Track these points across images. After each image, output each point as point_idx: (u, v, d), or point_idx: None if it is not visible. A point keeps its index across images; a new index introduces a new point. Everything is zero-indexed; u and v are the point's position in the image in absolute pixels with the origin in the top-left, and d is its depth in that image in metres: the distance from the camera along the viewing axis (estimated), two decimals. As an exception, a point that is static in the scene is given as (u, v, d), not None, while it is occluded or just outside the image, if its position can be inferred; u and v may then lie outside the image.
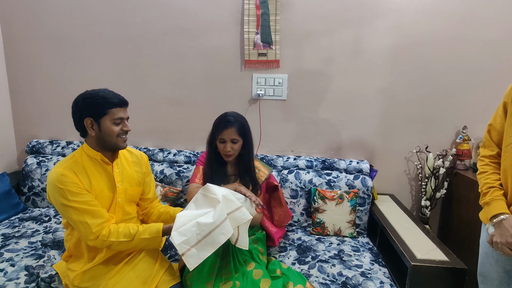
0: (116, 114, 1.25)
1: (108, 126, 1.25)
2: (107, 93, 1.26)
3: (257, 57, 2.17)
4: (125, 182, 1.39)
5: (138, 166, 1.47)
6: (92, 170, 1.29)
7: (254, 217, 1.58)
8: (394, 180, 2.28)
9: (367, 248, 1.84)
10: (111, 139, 1.27)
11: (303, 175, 2.10)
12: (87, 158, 1.30)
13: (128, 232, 1.27)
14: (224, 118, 1.56)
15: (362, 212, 2.04)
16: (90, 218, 1.22)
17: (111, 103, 1.24)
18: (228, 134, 1.54)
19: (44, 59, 2.33)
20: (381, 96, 2.17)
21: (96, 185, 1.29)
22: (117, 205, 1.36)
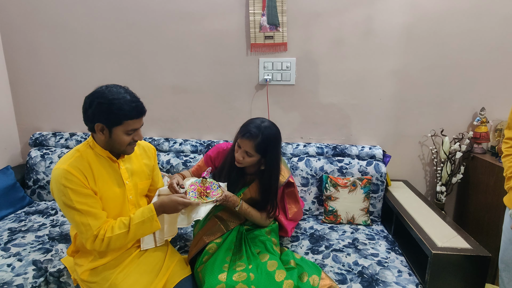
0: (130, 126, 1.17)
1: (120, 136, 1.17)
2: (126, 101, 1.14)
3: (263, 40, 2.08)
4: (134, 177, 1.34)
5: (147, 158, 1.41)
6: (98, 167, 1.23)
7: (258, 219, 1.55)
8: (407, 166, 2.21)
9: (382, 236, 1.78)
10: (120, 147, 1.21)
11: (314, 162, 2.03)
12: (92, 154, 1.24)
13: (122, 223, 1.21)
14: (247, 126, 1.41)
15: (375, 199, 1.98)
16: (92, 220, 1.17)
17: (127, 116, 1.14)
18: (244, 144, 1.40)
19: (43, 48, 2.25)
20: (394, 78, 2.07)
21: (102, 183, 1.23)
22: (129, 203, 1.31)
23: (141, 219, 1.22)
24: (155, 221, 1.24)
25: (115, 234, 1.18)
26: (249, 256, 1.41)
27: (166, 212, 1.29)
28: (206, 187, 1.36)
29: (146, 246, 1.39)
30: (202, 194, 1.34)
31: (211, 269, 1.31)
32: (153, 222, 1.23)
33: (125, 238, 1.21)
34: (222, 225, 1.55)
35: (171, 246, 1.53)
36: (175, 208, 1.25)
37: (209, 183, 1.39)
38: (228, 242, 1.50)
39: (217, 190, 1.38)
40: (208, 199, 1.32)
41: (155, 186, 1.46)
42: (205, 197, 1.34)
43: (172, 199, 1.24)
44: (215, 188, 1.39)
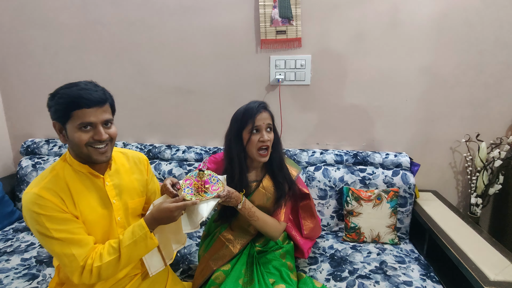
0: (80, 118, 0.96)
1: (73, 134, 0.97)
2: (73, 90, 0.96)
3: (275, 36, 1.86)
4: (123, 195, 1.13)
5: (138, 172, 1.20)
6: (78, 186, 1.03)
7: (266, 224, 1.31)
8: (437, 175, 1.97)
9: (414, 258, 1.55)
10: (80, 149, 1.00)
11: (332, 172, 1.81)
12: (71, 171, 1.04)
13: (111, 248, 1.01)
14: (251, 105, 1.28)
15: (403, 214, 1.75)
16: (76, 249, 0.97)
17: (73, 104, 0.94)
18: (263, 119, 1.26)
19: (35, 48, 2.07)
20: (423, 76, 1.83)
21: (84, 206, 1.03)
22: (117, 225, 1.10)
23: (132, 239, 1.02)
24: (149, 239, 1.04)
25: (105, 262, 0.99)
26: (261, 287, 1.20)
27: (162, 224, 1.09)
28: (204, 181, 1.14)
29: (155, 269, 1.16)
30: (200, 189, 1.13)
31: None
32: (147, 240, 1.03)
33: (117, 265, 1.01)
34: (230, 246, 1.36)
35: (172, 273, 1.34)
36: (170, 217, 1.04)
37: (207, 176, 1.17)
38: (238, 269, 1.29)
39: (218, 183, 1.16)
40: (207, 195, 1.11)
41: (151, 203, 1.25)
42: (204, 193, 1.12)
43: (162, 208, 1.03)
44: (214, 182, 1.17)
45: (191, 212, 1.11)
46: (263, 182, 1.36)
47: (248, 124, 1.26)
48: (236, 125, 1.28)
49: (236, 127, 1.28)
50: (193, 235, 1.79)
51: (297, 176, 1.43)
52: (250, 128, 1.25)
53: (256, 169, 1.38)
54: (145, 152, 2.03)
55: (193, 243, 1.72)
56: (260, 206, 1.34)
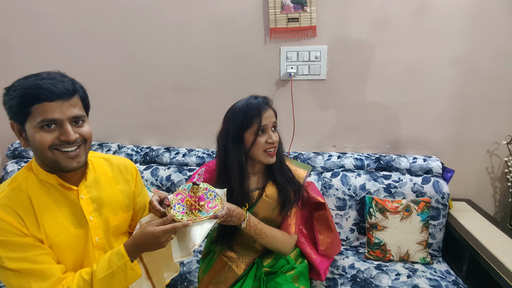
0: (41, 114, 0.77)
1: (32, 135, 0.79)
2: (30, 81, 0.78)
3: (286, 24, 1.64)
4: (104, 210, 0.93)
5: (124, 183, 1.00)
6: (45, 202, 0.84)
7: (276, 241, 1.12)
8: (471, 181, 1.73)
9: (451, 282, 1.32)
10: (44, 154, 0.80)
11: (352, 179, 1.58)
12: (36, 182, 0.85)
13: (81, 280, 0.82)
14: (252, 101, 1.10)
15: (435, 228, 1.51)
16: (36, 282, 0.78)
17: (32, 97, 0.76)
18: (269, 118, 1.08)
19: (19, 42, 1.89)
20: (456, 69, 1.60)
21: (51, 225, 0.84)
22: (95, 247, 0.90)
23: (108, 270, 0.82)
24: (130, 270, 0.85)
25: None
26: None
27: (147, 251, 0.90)
28: (199, 197, 0.93)
29: None
30: (194, 207, 0.92)
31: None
32: (127, 271, 0.84)
33: None
34: (233, 266, 1.16)
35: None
36: (157, 243, 0.84)
37: (202, 191, 0.96)
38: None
39: (215, 200, 0.96)
40: (202, 214, 0.90)
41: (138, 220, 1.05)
42: (198, 212, 0.91)
43: (146, 232, 0.83)
44: (211, 197, 0.97)
45: (183, 235, 0.90)
46: (266, 190, 1.16)
47: (253, 124, 1.06)
48: (235, 125, 1.08)
49: (235, 128, 1.08)
50: (194, 250, 1.57)
51: (307, 176, 1.23)
52: (256, 128, 1.06)
53: (257, 175, 1.19)
54: (141, 155, 1.84)
55: (194, 260, 1.51)
56: (266, 218, 1.15)
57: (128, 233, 1.06)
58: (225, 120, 1.12)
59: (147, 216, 0.97)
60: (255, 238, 1.09)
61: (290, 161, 1.27)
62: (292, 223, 1.18)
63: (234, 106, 1.12)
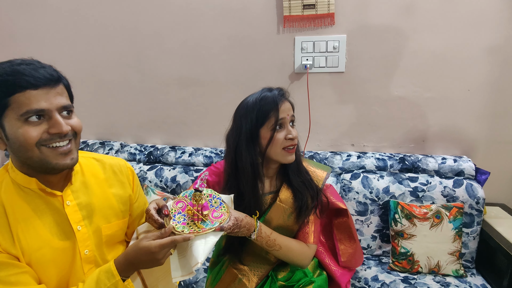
0: (25, 105, 0.65)
1: (14, 130, 0.66)
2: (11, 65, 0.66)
3: (301, 11, 1.50)
4: (95, 217, 0.81)
5: (118, 185, 0.88)
6: (22, 210, 0.73)
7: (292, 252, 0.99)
8: (506, 184, 1.57)
9: (489, 298, 1.17)
10: (29, 153, 0.68)
11: (374, 181, 1.44)
12: (12, 187, 0.73)
13: None
14: (266, 93, 0.98)
15: (468, 237, 1.36)
16: None
17: (11, 84, 0.64)
18: (287, 110, 0.97)
19: (19, 35, 1.81)
20: (490, 58, 1.44)
21: (30, 238, 0.72)
22: (84, 261, 0.78)
23: None
24: None
25: None
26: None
27: (141, 268, 0.79)
28: (202, 206, 0.81)
29: None
30: (196, 217, 0.79)
31: None
32: None
33: None
34: (244, 280, 1.04)
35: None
36: (153, 260, 0.72)
37: (206, 198, 0.84)
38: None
39: (221, 208, 0.85)
40: (206, 226, 0.79)
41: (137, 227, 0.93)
42: (201, 222, 0.79)
43: (141, 247, 0.71)
44: (216, 206, 0.85)
45: (184, 250, 0.78)
46: (280, 194, 1.04)
47: (269, 118, 0.94)
48: (248, 122, 0.95)
49: (249, 125, 0.95)
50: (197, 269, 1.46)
51: (327, 178, 1.10)
52: (273, 123, 0.94)
53: (270, 179, 1.06)
54: (145, 154, 1.73)
55: (201, 268, 1.39)
56: (280, 226, 1.03)
57: (125, 242, 0.94)
58: (236, 117, 1.00)
59: (145, 225, 0.85)
60: (267, 250, 0.97)
61: (308, 161, 1.14)
62: (311, 231, 1.05)
63: (246, 100, 0.99)
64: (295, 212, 1.02)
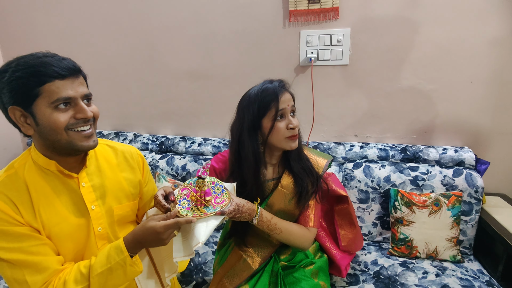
0: (55, 93, 0.73)
1: (47, 116, 0.74)
2: (37, 57, 0.74)
3: (306, 6, 1.55)
4: (108, 198, 0.90)
5: (129, 170, 0.96)
6: (43, 190, 0.80)
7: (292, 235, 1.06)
8: (507, 175, 1.59)
9: (485, 282, 1.22)
10: (58, 136, 0.76)
11: (376, 170, 1.49)
12: (35, 168, 0.81)
13: (79, 274, 0.78)
14: (267, 85, 1.03)
15: (467, 224, 1.40)
16: (31, 274, 0.75)
17: (41, 74, 0.72)
18: (287, 101, 1.02)
19: (41, 32, 1.90)
20: (494, 50, 1.46)
21: (50, 215, 0.80)
22: (97, 237, 0.87)
23: (106, 266, 0.79)
24: (129, 266, 0.80)
25: None
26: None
27: (148, 247, 0.87)
28: (205, 192, 0.88)
29: None
30: (199, 203, 0.87)
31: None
32: (126, 267, 0.80)
33: None
34: (248, 260, 1.10)
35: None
36: (158, 240, 0.80)
37: (208, 185, 0.91)
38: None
39: (223, 194, 0.91)
40: (208, 210, 0.85)
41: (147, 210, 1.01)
42: (204, 207, 0.86)
43: (147, 227, 0.79)
44: (219, 192, 0.91)
45: (186, 233, 0.85)
46: (282, 180, 1.09)
47: (270, 109, 0.99)
48: (250, 113, 1.00)
49: (251, 116, 1.00)
50: (209, 241, 1.55)
51: (327, 166, 1.14)
52: (274, 113, 0.99)
53: (273, 166, 1.12)
54: (157, 144, 1.81)
55: (209, 251, 1.48)
56: (282, 210, 1.09)
57: (135, 223, 1.03)
58: (239, 108, 1.06)
59: (153, 209, 0.93)
60: (269, 234, 1.03)
61: (309, 150, 1.19)
62: (311, 215, 1.11)
63: (248, 93, 1.05)
64: (296, 197, 1.07)
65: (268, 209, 1.07)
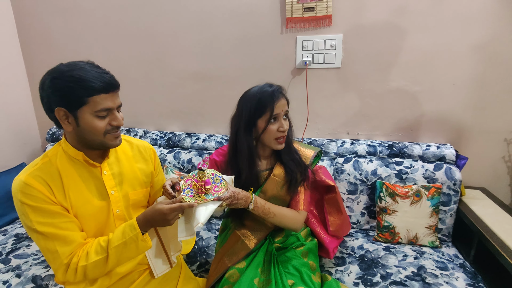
0: (99, 104, 0.88)
1: (89, 121, 0.89)
2: (87, 71, 0.87)
3: (302, 14, 1.69)
4: (124, 185, 1.05)
5: (143, 161, 1.12)
6: (72, 175, 0.96)
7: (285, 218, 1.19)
8: (487, 170, 1.72)
9: (458, 264, 1.36)
10: (95, 137, 0.92)
11: (364, 164, 1.63)
12: (65, 158, 0.96)
13: (99, 247, 0.94)
14: (266, 89, 1.14)
15: (445, 214, 1.54)
16: (61, 245, 0.91)
17: (90, 88, 0.86)
18: (281, 106, 1.13)
19: (58, 36, 2.06)
20: (476, 55, 1.58)
21: (77, 197, 0.96)
22: (116, 218, 1.03)
23: (122, 240, 0.94)
24: (141, 241, 0.95)
25: (91, 262, 0.92)
26: (279, 290, 1.08)
27: (156, 226, 1.01)
28: (205, 182, 1.02)
29: (160, 271, 1.12)
30: (200, 191, 1.01)
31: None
32: (138, 242, 0.95)
33: (105, 266, 0.94)
34: (246, 241, 1.24)
35: (185, 267, 1.26)
36: (164, 220, 0.94)
37: (208, 176, 1.04)
38: (253, 268, 1.19)
39: (221, 184, 1.05)
40: (208, 197, 1.00)
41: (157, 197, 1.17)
42: (204, 195, 1.00)
43: (156, 209, 0.94)
44: (217, 182, 1.05)
45: (189, 216, 1.00)
46: (275, 170, 1.23)
47: (265, 113, 1.12)
48: (248, 111, 1.13)
49: (248, 113, 1.13)
50: (212, 228, 1.70)
51: (314, 156, 1.28)
52: (268, 117, 1.12)
53: (267, 158, 1.26)
54: (165, 140, 1.97)
55: (212, 236, 1.64)
56: (274, 196, 1.22)
57: (147, 207, 1.18)
58: (239, 104, 1.18)
59: (162, 197, 1.08)
60: (264, 218, 1.15)
61: (298, 144, 1.31)
62: (301, 200, 1.23)
63: (249, 91, 1.17)
64: (287, 184, 1.21)
65: (262, 195, 1.21)
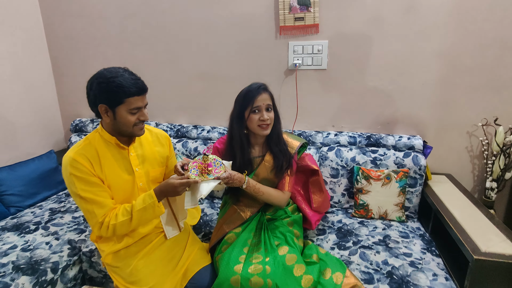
0: (133, 104, 1.16)
1: (124, 116, 1.17)
2: (125, 78, 1.14)
3: (293, 22, 1.96)
4: (146, 164, 1.33)
5: (160, 146, 1.40)
6: (107, 155, 1.24)
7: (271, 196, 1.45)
8: (452, 158, 1.99)
9: (418, 235, 1.64)
10: (127, 128, 1.20)
11: (345, 153, 1.91)
12: (101, 141, 1.25)
13: (125, 210, 1.21)
14: (252, 87, 1.40)
15: (412, 194, 1.82)
16: (97, 208, 1.19)
17: (127, 92, 1.14)
18: (262, 100, 1.37)
19: (81, 39, 2.35)
20: (440, 60, 1.85)
21: (110, 171, 1.23)
22: (139, 190, 1.31)
23: (142, 205, 1.21)
24: (157, 207, 1.23)
25: (119, 221, 1.19)
26: (267, 248, 1.36)
27: (168, 196, 1.28)
28: (208, 164, 1.29)
29: (171, 234, 1.40)
30: (204, 171, 1.28)
31: (228, 260, 1.29)
32: (155, 208, 1.22)
33: (129, 225, 1.22)
34: (241, 213, 1.51)
35: (192, 233, 1.54)
36: (175, 191, 1.21)
37: (211, 160, 1.31)
38: (247, 232, 1.46)
39: (221, 167, 1.30)
40: (209, 176, 1.26)
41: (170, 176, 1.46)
42: (207, 174, 1.27)
43: (169, 183, 1.21)
44: (218, 165, 1.32)
45: (194, 190, 1.27)
46: (266, 157, 1.49)
47: (249, 105, 1.37)
48: (238, 105, 1.41)
49: (238, 107, 1.41)
50: (215, 206, 1.99)
51: (299, 146, 1.53)
52: (250, 108, 1.37)
53: (259, 146, 1.51)
54: (174, 131, 2.26)
55: (214, 212, 1.92)
56: (265, 178, 1.48)
57: None
58: (234, 101, 1.46)
59: (174, 175, 1.36)
60: (255, 196, 1.41)
61: (287, 135, 1.57)
62: (286, 182, 1.50)
63: (241, 90, 1.45)
64: (275, 170, 1.48)
65: (255, 178, 1.47)
